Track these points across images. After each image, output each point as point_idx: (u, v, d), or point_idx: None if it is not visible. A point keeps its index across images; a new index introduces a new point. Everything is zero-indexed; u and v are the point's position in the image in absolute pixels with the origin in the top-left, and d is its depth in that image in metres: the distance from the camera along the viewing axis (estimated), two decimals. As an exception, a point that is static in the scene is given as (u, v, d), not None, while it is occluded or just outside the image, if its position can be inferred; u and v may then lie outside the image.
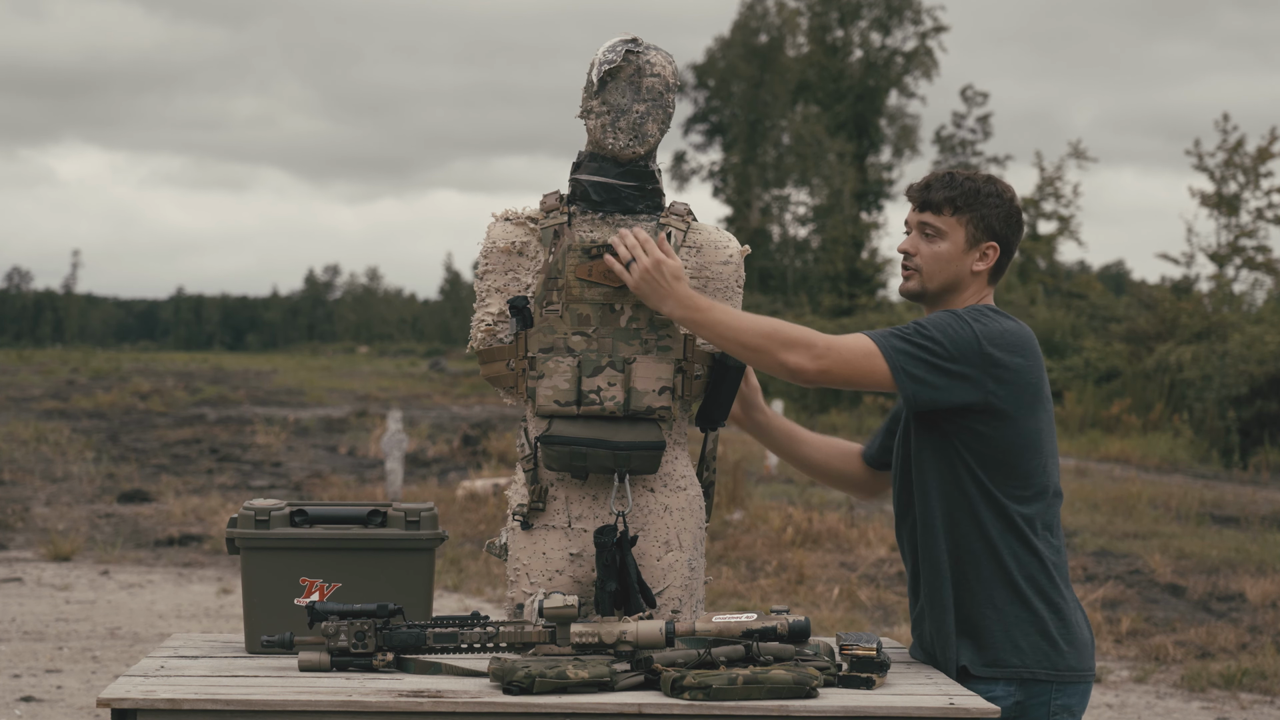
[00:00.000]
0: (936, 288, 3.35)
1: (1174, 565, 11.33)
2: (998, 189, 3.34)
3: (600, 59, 3.32)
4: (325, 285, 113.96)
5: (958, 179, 3.35)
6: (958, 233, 3.33)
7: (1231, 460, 20.16)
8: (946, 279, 3.34)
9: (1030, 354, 3.27)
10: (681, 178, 50.13)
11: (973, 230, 3.33)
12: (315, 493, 15.01)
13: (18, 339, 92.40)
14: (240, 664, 3.17)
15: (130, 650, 8.29)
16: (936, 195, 3.33)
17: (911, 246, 3.36)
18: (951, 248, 3.33)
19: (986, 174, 3.39)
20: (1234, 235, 30.35)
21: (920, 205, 3.36)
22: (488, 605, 9.39)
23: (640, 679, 2.96)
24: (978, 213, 3.32)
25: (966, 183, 3.34)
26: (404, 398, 33.39)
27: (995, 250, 3.34)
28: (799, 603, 9.73)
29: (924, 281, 3.35)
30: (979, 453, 3.25)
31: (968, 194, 3.32)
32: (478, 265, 3.40)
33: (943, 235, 3.33)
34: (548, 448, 3.28)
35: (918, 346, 3.20)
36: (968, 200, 3.32)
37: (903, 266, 3.39)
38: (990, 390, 3.21)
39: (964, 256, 3.33)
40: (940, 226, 3.33)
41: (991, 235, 3.34)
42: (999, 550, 3.25)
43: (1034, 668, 3.25)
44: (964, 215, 3.32)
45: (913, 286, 3.37)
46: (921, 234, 3.35)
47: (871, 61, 48.44)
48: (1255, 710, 7.42)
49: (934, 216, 3.34)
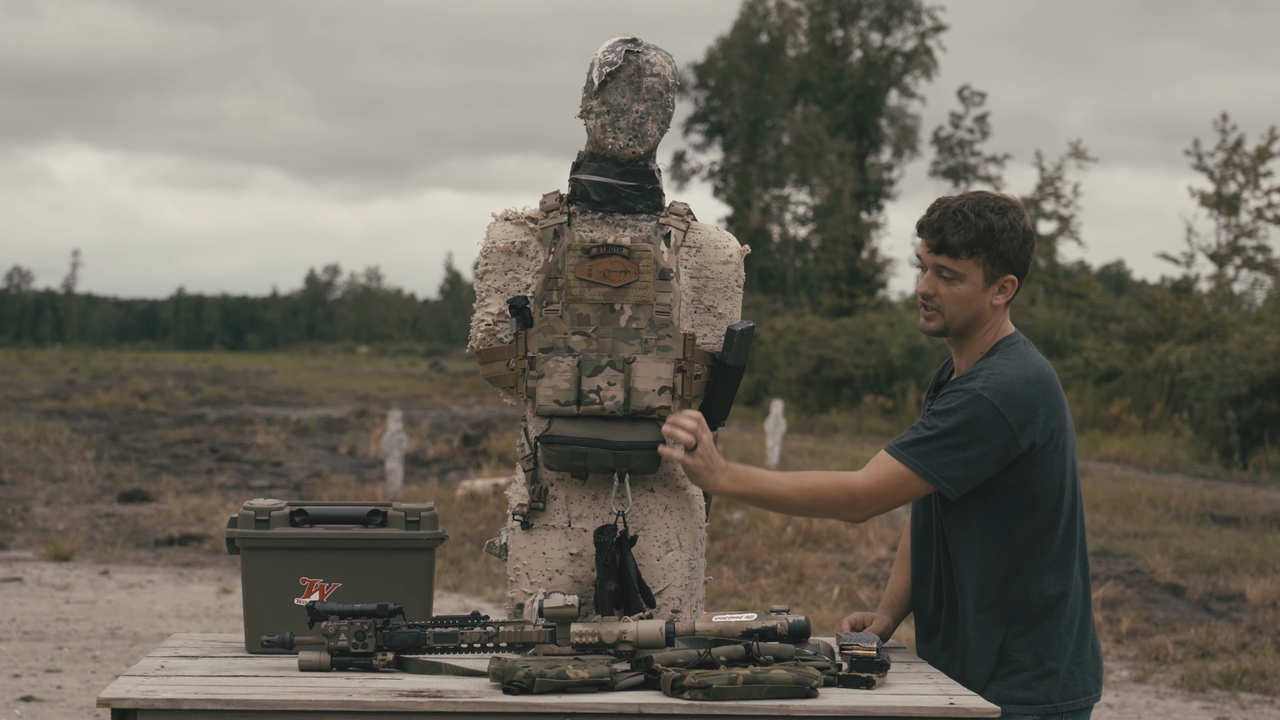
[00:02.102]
0: (959, 326, 3.33)
1: (1174, 565, 11.33)
2: (1009, 221, 3.28)
3: (600, 59, 3.32)
4: (325, 285, 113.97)
5: (969, 218, 3.27)
6: (975, 274, 3.29)
7: (1231, 460, 20.15)
8: (968, 317, 3.32)
9: (1048, 396, 3.27)
10: (681, 178, 50.14)
11: (990, 269, 3.29)
12: (315, 493, 15.01)
13: (18, 339, 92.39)
14: (240, 664, 3.17)
15: (130, 650, 8.28)
16: (952, 239, 3.27)
17: (930, 288, 3.32)
18: (970, 289, 3.30)
19: (995, 200, 3.32)
20: (1234, 235, 30.34)
21: (935, 248, 3.30)
22: (488, 605, 9.39)
23: (640, 679, 2.96)
24: (994, 250, 3.27)
25: (979, 221, 3.26)
26: (404, 398, 33.40)
27: (1014, 283, 3.32)
28: (799, 603, 9.72)
29: (946, 322, 3.33)
30: (1014, 499, 3.27)
31: (982, 234, 3.26)
32: (478, 265, 3.40)
33: (961, 278, 3.29)
34: (548, 448, 3.28)
35: (942, 448, 3.21)
36: (983, 241, 3.26)
37: (922, 306, 3.35)
38: (1020, 450, 3.23)
39: (983, 294, 3.30)
40: (958, 270, 3.28)
41: (1009, 269, 3.30)
42: (1030, 588, 3.28)
43: (1058, 701, 3.29)
44: (980, 256, 3.27)
45: (935, 327, 3.35)
46: (939, 275, 3.31)
47: (871, 61, 48.43)
48: (1255, 710, 7.42)
49: (951, 260, 3.29)
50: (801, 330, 32.27)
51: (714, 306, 3.38)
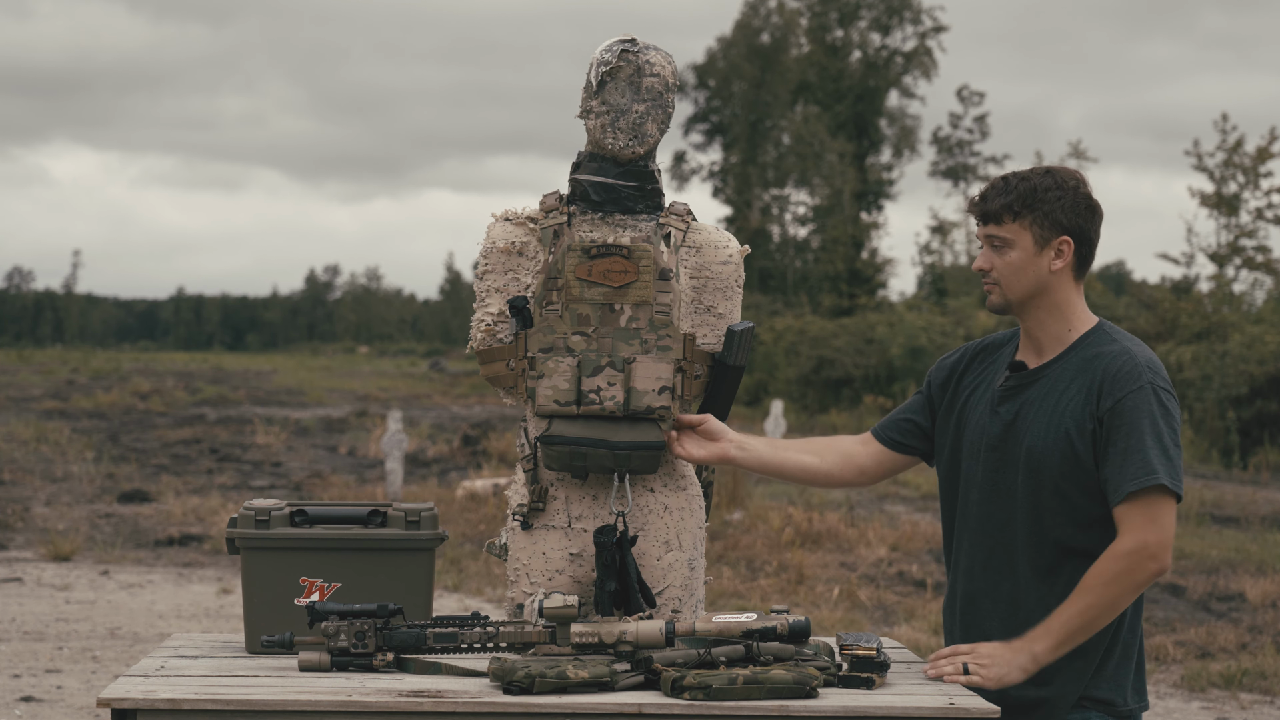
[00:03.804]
0: (1020, 296, 3.24)
1: (1174, 565, 11.34)
2: (1058, 180, 3.20)
3: (599, 59, 3.32)
4: (325, 285, 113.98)
5: (1011, 182, 3.22)
6: (1024, 237, 3.20)
7: (1231, 460, 20.16)
8: (1027, 286, 3.22)
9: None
10: (681, 178, 50.14)
11: (1039, 230, 3.19)
12: (315, 493, 15.01)
13: (18, 339, 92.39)
14: (240, 664, 3.17)
15: (130, 650, 8.28)
16: (994, 204, 3.21)
17: (986, 262, 3.25)
18: (1022, 254, 3.21)
19: (1045, 167, 3.27)
20: (1234, 235, 30.34)
21: (981, 218, 3.24)
22: (488, 605, 9.39)
23: (640, 679, 2.96)
24: (1039, 211, 3.19)
25: (1021, 184, 3.21)
26: (404, 398, 33.40)
27: (1070, 244, 3.21)
28: (799, 603, 9.72)
29: (1005, 293, 3.24)
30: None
31: (1023, 195, 3.19)
32: (478, 265, 3.40)
33: (1010, 244, 3.21)
34: (548, 448, 3.28)
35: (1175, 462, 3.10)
36: (1025, 202, 3.19)
37: (983, 283, 3.28)
38: None
39: (1038, 259, 3.20)
40: (1006, 235, 3.21)
41: (1061, 230, 3.20)
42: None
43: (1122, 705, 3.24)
44: (1025, 218, 3.19)
45: (996, 301, 3.26)
46: (990, 246, 3.24)
47: (871, 62, 48.44)
48: (1255, 710, 7.42)
49: (996, 227, 3.22)
50: (801, 330, 32.27)
51: (714, 306, 3.38)
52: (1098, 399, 3.13)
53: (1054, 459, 3.14)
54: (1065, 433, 3.14)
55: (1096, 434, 3.12)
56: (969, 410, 3.33)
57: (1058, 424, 3.16)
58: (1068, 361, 3.22)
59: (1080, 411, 3.14)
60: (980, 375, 3.37)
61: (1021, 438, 3.19)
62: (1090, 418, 3.13)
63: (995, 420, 3.25)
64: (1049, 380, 3.22)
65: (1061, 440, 3.14)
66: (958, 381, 3.39)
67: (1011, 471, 3.20)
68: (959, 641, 3.29)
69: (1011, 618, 3.20)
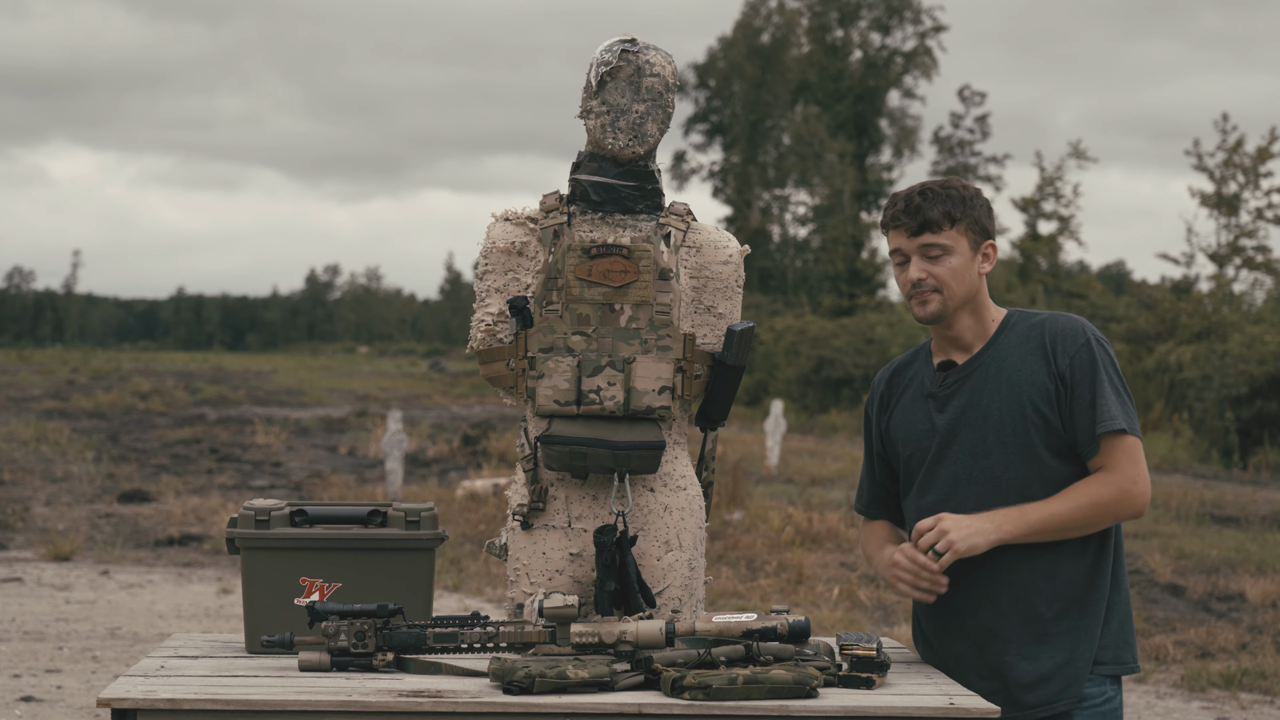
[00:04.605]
0: (959, 301, 3.29)
1: (1174, 565, 11.33)
2: (970, 189, 3.31)
3: (599, 59, 3.32)
4: (325, 285, 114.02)
5: (938, 192, 3.28)
6: (961, 243, 3.27)
7: (1231, 460, 20.15)
8: (965, 292, 3.29)
9: None
10: (681, 178, 50.15)
11: (972, 236, 3.28)
12: (315, 493, 15.01)
13: (18, 339, 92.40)
14: (240, 664, 3.17)
15: (130, 650, 8.28)
16: (933, 213, 3.25)
17: (922, 273, 3.27)
18: (961, 260, 3.27)
19: (944, 179, 3.35)
20: (1234, 235, 30.33)
21: (917, 228, 3.26)
22: (488, 605, 9.39)
23: (640, 679, 2.96)
24: (971, 217, 3.28)
25: (951, 191, 3.28)
26: (404, 398, 33.40)
27: (994, 248, 3.33)
28: (799, 603, 9.72)
29: (946, 301, 3.28)
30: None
31: (958, 202, 3.27)
32: (478, 265, 3.40)
33: (950, 250, 3.26)
34: (548, 448, 3.28)
35: (1131, 408, 3.24)
36: (961, 208, 3.27)
37: (914, 297, 3.28)
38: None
39: (972, 264, 3.29)
40: (945, 243, 3.26)
41: (986, 235, 3.31)
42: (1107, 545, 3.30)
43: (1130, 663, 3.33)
44: (961, 224, 3.27)
45: (936, 310, 3.28)
46: (925, 257, 3.27)
47: (871, 62, 48.45)
48: (1255, 710, 7.42)
49: (934, 235, 3.26)
50: (801, 330, 32.28)
51: (714, 306, 3.38)
52: (1053, 358, 3.25)
53: (1024, 429, 3.23)
54: (1030, 402, 3.23)
55: (1060, 392, 3.23)
56: (897, 426, 3.40)
57: (1017, 397, 3.24)
58: (1000, 345, 3.31)
59: (1038, 377, 3.24)
60: (899, 394, 3.43)
61: (985, 421, 3.26)
62: (1050, 377, 3.24)
63: (943, 419, 3.31)
64: (988, 366, 3.30)
65: (1028, 410, 3.23)
66: (888, 418, 3.44)
67: (979, 457, 3.26)
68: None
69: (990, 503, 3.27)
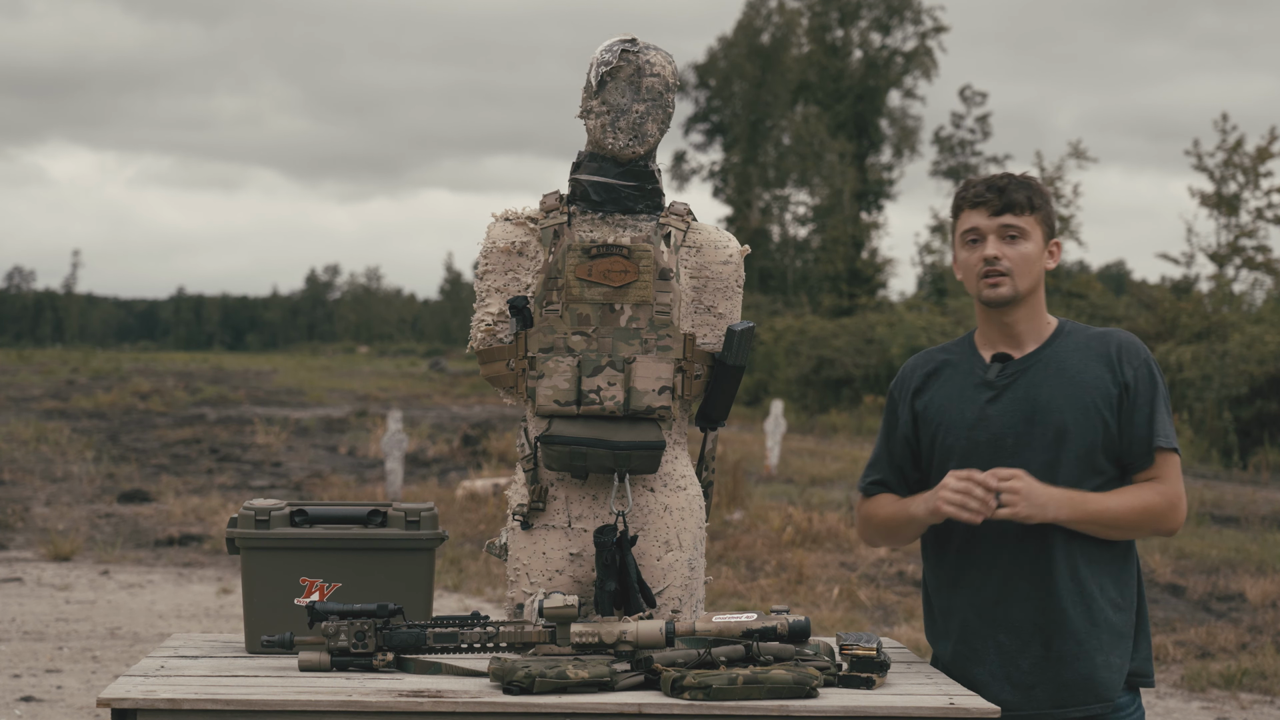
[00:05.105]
0: (1026, 289, 3.28)
1: (1174, 565, 11.33)
2: (1047, 188, 3.32)
3: (599, 59, 3.32)
4: (325, 285, 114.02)
5: (1021, 180, 3.28)
6: (1037, 233, 3.27)
7: (1231, 460, 20.16)
8: (1033, 280, 3.28)
9: None
10: (681, 178, 50.15)
11: (1044, 229, 3.29)
12: (315, 493, 15.01)
13: (18, 339, 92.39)
14: (240, 664, 3.17)
15: (130, 650, 8.28)
16: (1018, 195, 3.25)
17: (999, 251, 3.25)
18: (1034, 248, 3.27)
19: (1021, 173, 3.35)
20: (1234, 235, 30.33)
21: (1001, 207, 3.25)
22: (488, 605, 9.39)
23: (640, 679, 2.96)
24: (1045, 210, 3.28)
25: (1032, 182, 3.28)
26: (404, 398, 33.40)
27: (1059, 246, 3.34)
28: (799, 603, 9.72)
29: (1015, 285, 3.26)
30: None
31: (1038, 192, 3.27)
32: (478, 265, 3.40)
33: (1026, 236, 3.26)
34: (548, 448, 3.28)
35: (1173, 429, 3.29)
36: (1041, 198, 3.27)
37: (988, 273, 3.25)
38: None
39: (1041, 256, 3.29)
40: (1024, 226, 3.25)
41: (1054, 233, 3.32)
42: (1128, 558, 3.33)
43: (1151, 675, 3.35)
44: (1038, 214, 3.27)
45: (1005, 292, 3.26)
46: (1003, 237, 3.26)
47: (871, 62, 48.45)
48: (1255, 710, 7.42)
49: (1015, 217, 3.25)
50: (801, 330, 32.28)
51: (714, 306, 3.38)
52: (1120, 367, 3.26)
53: (1084, 428, 3.22)
54: (1093, 404, 3.23)
55: (1123, 400, 3.24)
56: (936, 411, 3.33)
57: (1080, 398, 3.23)
58: (1058, 347, 3.29)
59: (1103, 382, 3.24)
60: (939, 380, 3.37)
61: (1045, 416, 3.24)
62: (1115, 384, 3.24)
63: (997, 409, 3.27)
64: (1047, 364, 3.28)
65: (1091, 411, 3.23)
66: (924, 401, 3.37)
67: (1036, 451, 3.23)
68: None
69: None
